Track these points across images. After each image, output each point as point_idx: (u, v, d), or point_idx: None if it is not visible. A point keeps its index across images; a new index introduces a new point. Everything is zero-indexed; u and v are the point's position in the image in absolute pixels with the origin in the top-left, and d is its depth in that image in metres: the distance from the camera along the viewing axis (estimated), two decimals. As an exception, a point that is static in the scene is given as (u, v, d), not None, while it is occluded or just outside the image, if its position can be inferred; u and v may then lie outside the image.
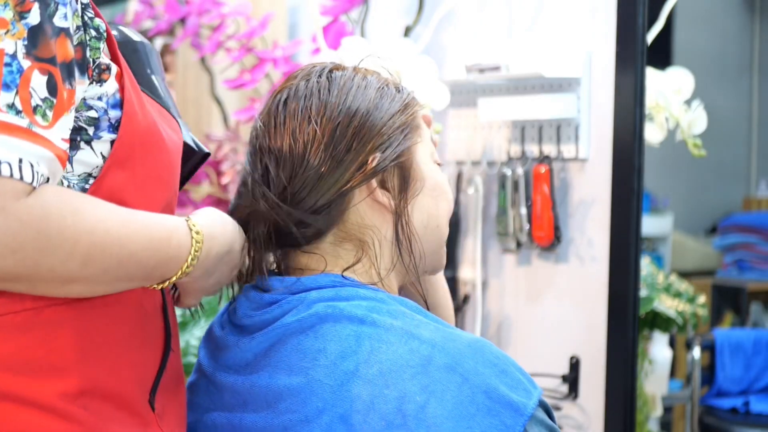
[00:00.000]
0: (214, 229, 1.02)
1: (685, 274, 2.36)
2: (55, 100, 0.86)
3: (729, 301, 2.89)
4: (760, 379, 2.59)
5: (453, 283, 2.19)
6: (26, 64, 0.84)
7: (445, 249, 1.17)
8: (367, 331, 1.00)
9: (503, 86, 2.08)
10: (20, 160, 0.82)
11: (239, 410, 1.04)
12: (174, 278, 0.98)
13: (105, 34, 0.97)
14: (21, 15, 0.84)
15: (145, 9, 2.74)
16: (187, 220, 0.99)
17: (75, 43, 0.91)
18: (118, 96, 0.96)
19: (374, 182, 1.07)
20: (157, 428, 0.99)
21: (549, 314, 2.02)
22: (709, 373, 2.57)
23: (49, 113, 0.85)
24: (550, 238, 1.96)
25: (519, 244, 2.05)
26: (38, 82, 0.85)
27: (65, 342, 0.91)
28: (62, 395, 0.90)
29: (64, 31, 0.89)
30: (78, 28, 0.92)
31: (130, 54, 1.24)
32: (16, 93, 0.83)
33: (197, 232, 0.99)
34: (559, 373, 1.96)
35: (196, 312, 1.11)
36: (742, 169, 2.99)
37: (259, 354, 1.04)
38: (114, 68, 0.97)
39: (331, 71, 1.11)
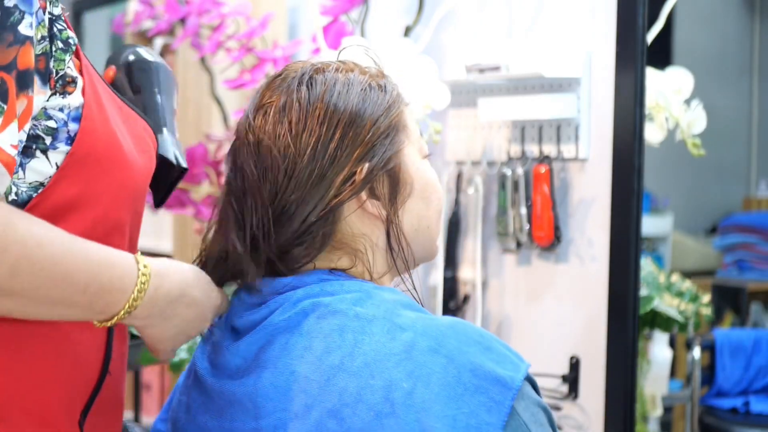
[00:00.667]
0: (166, 268, 0.99)
1: (685, 274, 2.36)
2: (5, 107, 0.85)
3: (729, 301, 2.89)
4: (760, 379, 2.59)
5: (453, 283, 2.19)
6: (8, 70, 0.85)
7: (437, 242, 1.16)
8: (350, 324, 1.00)
9: (503, 86, 2.08)
10: None
11: (229, 415, 1.04)
12: (122, 313, 0.95)
13: (74, 47, 0.97)
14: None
15: (145, 9, 2.74)
16: (135, 256, 0.97)
17: (38, 52, 0.91)
18: (81, 110, 0.96)
19: (364, 194, 1.06)
20: None
21: (549, 314, 2.02)
22: (709, 373, 2.57)
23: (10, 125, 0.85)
24: (550, 238, 1.96)
25: (519, 244, 2.05)
26: (17, 100, 0.85)
27: None
28: None
29: (29, 40, 0.88)
30: (43, 38, 0.92)
31: (139, 72, 1.27)
32: None
33: (144, 266, 0.96)
34: (559, 373, 1.96)
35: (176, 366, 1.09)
36: (742, 169, 2.99)
37: (248, 356, 1.04)
38: (80, 81, 0.97)
39: (311, 78, 1.08)
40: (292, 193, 1.03)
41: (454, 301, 2.20)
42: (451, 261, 2.19)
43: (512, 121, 2.07)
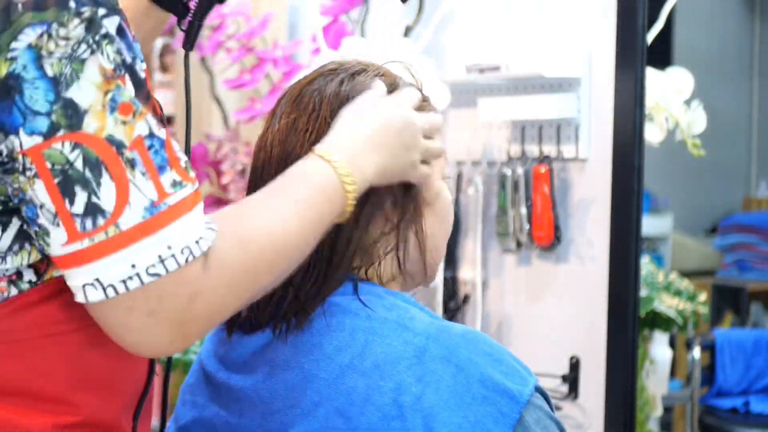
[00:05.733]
0: (345, 134, 0.98)
1: (685, 274, 2.36)
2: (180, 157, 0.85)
3: (729, 301, 2.89)
4: (760, 379, 2.59)
5: (453, 283, 2.19)
6: (162, 133, 0.83)
7: (439, 264, 1.16)
8: (362, 325, 1.00)
9: (503, 86, 2.08)
10: (199, 234, 0.83)
11: (237, 408, 1.05)
12: (351, 198, 0.96)
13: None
14: (128, 92, 0.82)
15: (145, 9, 2.73)
16: (322, 158, 0.95)
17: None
18: None
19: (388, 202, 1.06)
20: None
21: (549, 314, 2.02)
22: (709, 373, 2.57)
23: (188, 161, 0.85)
24: (550, 238, 1.96)
25: (519, 244, 2.05)
26: (174, 143, 0.84)
27: (58, 376, 0.89)
28: (55, 427, 0.88)
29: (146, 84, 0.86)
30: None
31: None
32: (170, 167, 0.82)
33: (335, 162, 0.95)
34: (559, 373, 1.96)
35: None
36: (742, 169, 3.00)
37: (256, 351, 1.04)
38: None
39: (364, 80, 1.06)
40: None
41: (454, 301, 2.20)
42: (451, 261, 2.19)
43: (512, 121, 2.07)
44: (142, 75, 0.84)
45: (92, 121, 0.79)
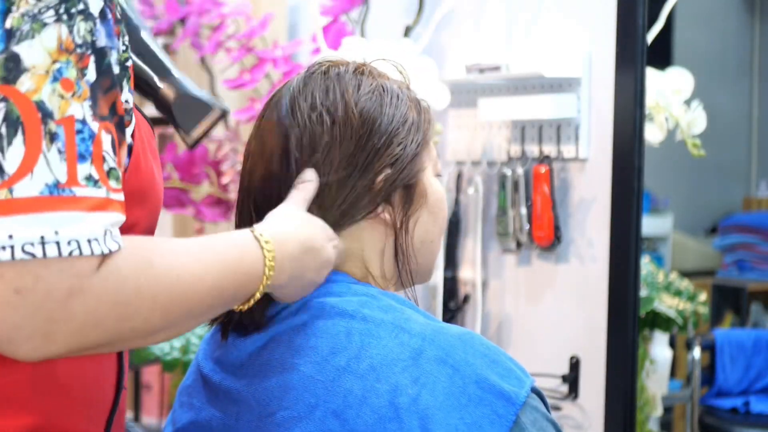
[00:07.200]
0: (283, 231, 0.97)
1: (685, 274, 2.36)
2: (116, 158, 0.82)
3: (729, 301, 2.89)
4: (760, 379, 2.59)
5: (453, 283, 2.19)
6: (95, 126, 0.79)
7: (435, 261, 1.17)
8: (358, 327, 1.00)
9: (503, 86, 2.08)
10: (94, 235, 0.78)
11: (233, 411, 1.05)
12: (258, 294, 0.94)
13: (129, 69, 0.91)
14: (82, 72, 0.80)
15: (145, 9, 2.74)
16: (252, 231, 0.95)
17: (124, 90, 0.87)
18: (132, 142, 0.91)
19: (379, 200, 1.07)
20: None
21: (549, 314, 2.02)
22: (709, 373, 2.57)
23: (118, 173, 0.81)
24: (550, 238, 1.96)
25: (519, 244, 2.05)
26: (107, 144, 0.80)
27: (21, 377, 0.87)
28: (18, 429, 0.87)
29: (119, 80, 0.84)
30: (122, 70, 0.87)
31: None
32: (92, 162, 0.79)
33: (266, 241, 0.94)
34: (559, 373, 1.96)
35: None
36: (742, 169, 2.99)
37: (252, 353, 1.04)
38: (133, 115, 0.92)
39: (356, 78, 1.08)
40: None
41: (454, 301, 2.20)
42: (451, 261, 2.19)
43: (512, 121, 2.07)
44: (116, 69, 0.83)
45: (28, 81, 0.77)
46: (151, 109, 1.24)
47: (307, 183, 1.04)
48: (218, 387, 1.07)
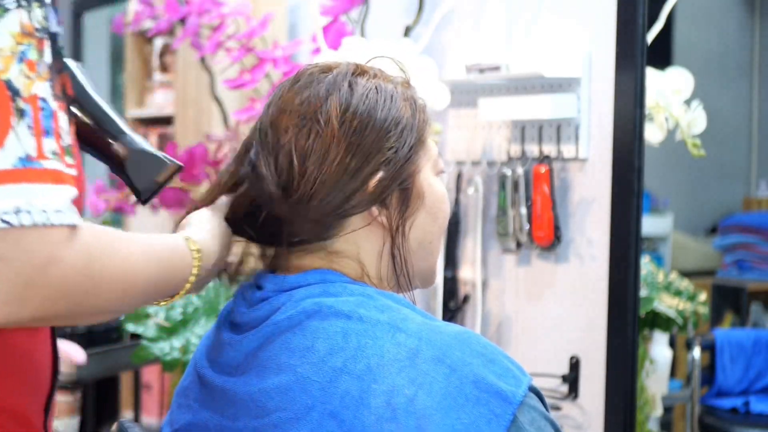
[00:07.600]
0: (211, 245, 1.05)
1: (685, 274, 2.36)
2: (70, 135, 0.87)
3: (729, 301, 2.89)
4: (760, 379, 2.59)
5: (453, 283, 2.19)
6: (54, 105, 0.85)
7: (436, 264, 1.16)
8: (354, 327, 1.00)
9: (503, 86, 2.08)
10: (60, 207, 0.82)
11: (230, 412, 1.05)
12: (179, 295, 1.01)
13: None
14: (41, 54, 0.85)
15: (145, 9, 2.74)
16: (186, 239, 1.02)
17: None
18: None
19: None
20: None
21: (549, 314, 2.02)
22: (709, 373, 2.57)
23: (72, 149, 0.86)
24: (550, 238, 1.96)
25: (519, 244, 2.05)
26: (63, 121, 0.85)
27: None
28: None
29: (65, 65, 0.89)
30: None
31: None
32: (54, 138, 0.84)
33: (197, 250, 1.02)
34: (559, 373, 1.96)
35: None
36: (742, 169, 2.99)
37: (249, 354, 1.04)
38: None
39: (352, 81, 1.08)
40: (309, 188, 1.04)
41: (454, 301, 2.20)
42: (451, 261, 2.19)
43: (512, 121, 2.07)
44: (61, 52, 0.88)
45: None
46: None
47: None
48: (215, 388, 1.07)
